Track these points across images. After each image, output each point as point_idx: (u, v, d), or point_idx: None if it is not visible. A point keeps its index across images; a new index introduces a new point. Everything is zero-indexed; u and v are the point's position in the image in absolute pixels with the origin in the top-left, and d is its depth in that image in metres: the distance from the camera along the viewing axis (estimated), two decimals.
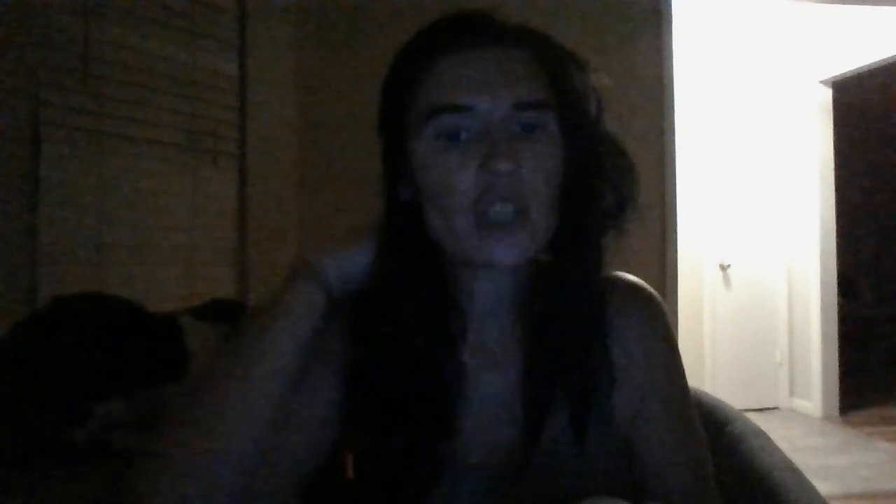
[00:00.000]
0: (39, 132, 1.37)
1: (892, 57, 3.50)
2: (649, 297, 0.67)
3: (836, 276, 3.96)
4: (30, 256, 1.35)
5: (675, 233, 2.16)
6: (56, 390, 0.94)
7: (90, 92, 1.48)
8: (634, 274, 0.68)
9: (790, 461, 0.87)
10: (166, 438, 0.53)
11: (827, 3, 3.40)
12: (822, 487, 0.86)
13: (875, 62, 3.60)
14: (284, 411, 0.57)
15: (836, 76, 3.86)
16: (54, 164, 1.40)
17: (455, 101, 0.56)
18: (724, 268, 4.17)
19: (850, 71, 3.75)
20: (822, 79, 3.91)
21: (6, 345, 0.98)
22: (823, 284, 3.92)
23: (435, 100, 0.57)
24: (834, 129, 3.96)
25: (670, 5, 2.24)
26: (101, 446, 0.94)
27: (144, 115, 1.61)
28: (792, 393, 4.15)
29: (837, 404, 3.95)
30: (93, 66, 1.48)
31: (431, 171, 0.58)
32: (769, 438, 0.92)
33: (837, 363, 3.96)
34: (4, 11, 1.31)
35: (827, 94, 3.95)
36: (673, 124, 2.20)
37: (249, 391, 0.54)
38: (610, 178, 0.62)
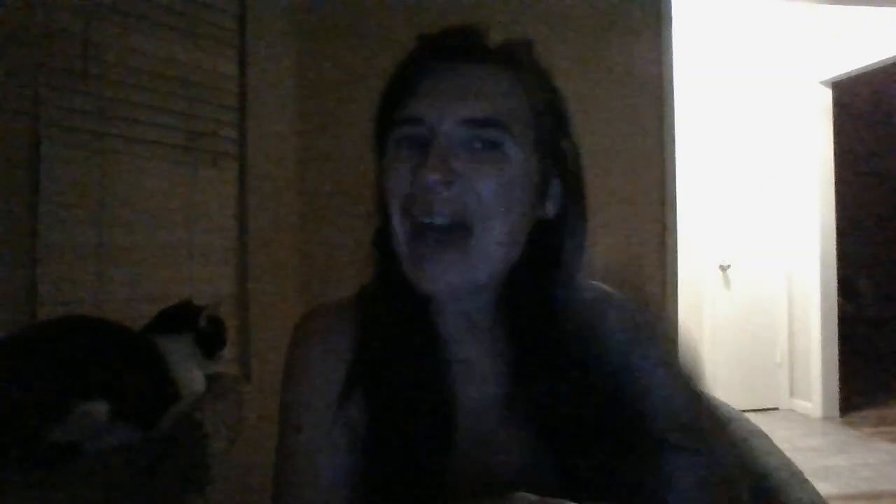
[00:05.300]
0: (39, 132, 1.37)
1: (892, 57, 3.50)
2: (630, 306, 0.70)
3: (836, 277, 3.96)
4: (30, 256, 1.35)
5: (675, 233, 2.16)
6: (35, 387, 0.91)
7: (90, 92, 1.47)
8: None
9: (790, 462, 0.87)
10: None
11: (827, 3, 3.40)
12: (822, 488, 0.86)
13: (875, 62, 3.59)
14: None
15: (836, 76, 3.86)
16: (54, 164, 1.40)
17: (408, 112, 0.57)
18: (723, 268, 4.17)
19: (850, 71, 3.75)
20: (822, 79, 3.90)
21: None
22: (823, 284, 3.92)
23: (400, 112, 0.58)
24: (834, 130, 3.96)
25: (670, 5, 2.24)
26: (75, 450, 0.90)
27: (144, 116, 1.60)
28: (792, 393, 4.14)
29: (837, 404, 3.95)
30: (93, 66, 1.48)
31: (384, 179, 0.58)
32: (769, 439, 0.92)
33: (837, 363, 3.96)
34: (4, 11, 1.31)
35: (827, 95, 3.95)
36: (673, 124, 2.20)
37: None
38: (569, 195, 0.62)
